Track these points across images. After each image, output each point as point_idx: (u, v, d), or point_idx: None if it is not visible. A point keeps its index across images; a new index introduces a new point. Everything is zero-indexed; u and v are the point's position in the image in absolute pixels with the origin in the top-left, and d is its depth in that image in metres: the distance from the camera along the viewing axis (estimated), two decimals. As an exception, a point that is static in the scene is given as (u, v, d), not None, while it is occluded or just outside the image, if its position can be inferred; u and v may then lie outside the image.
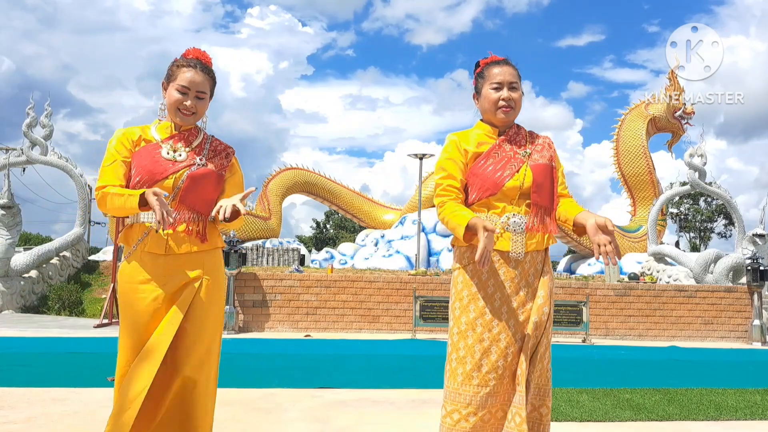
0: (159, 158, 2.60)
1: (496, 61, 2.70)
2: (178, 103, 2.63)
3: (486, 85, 2.66)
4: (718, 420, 4.49)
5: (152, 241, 2.55)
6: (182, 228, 2.57)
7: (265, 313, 11.74)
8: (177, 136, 2.68)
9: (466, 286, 2.58)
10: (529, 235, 2.57)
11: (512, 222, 2.55)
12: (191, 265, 2.58)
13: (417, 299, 11.21)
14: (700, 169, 16.92)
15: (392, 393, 5.29)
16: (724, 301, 12.50)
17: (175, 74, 2.66)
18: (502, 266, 2.55)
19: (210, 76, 2.70)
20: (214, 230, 2.68)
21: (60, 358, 7.00)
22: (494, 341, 2.51)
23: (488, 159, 2.61)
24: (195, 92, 2.64)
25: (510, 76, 2.64)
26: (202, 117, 2.73)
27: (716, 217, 43.90)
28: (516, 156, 2.62)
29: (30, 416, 4.09)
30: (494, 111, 2.64)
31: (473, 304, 2.55)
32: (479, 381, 2.50)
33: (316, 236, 50.59)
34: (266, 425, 4.06)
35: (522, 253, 2.55)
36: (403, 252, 19.67)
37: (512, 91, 2.63)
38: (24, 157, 16.41)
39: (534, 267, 2.59)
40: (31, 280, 14.72)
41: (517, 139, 2.67)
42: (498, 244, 2.54)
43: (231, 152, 2.78)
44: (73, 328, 11.23)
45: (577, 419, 4.36)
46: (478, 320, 2.53)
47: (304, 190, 24.31)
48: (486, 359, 2.50)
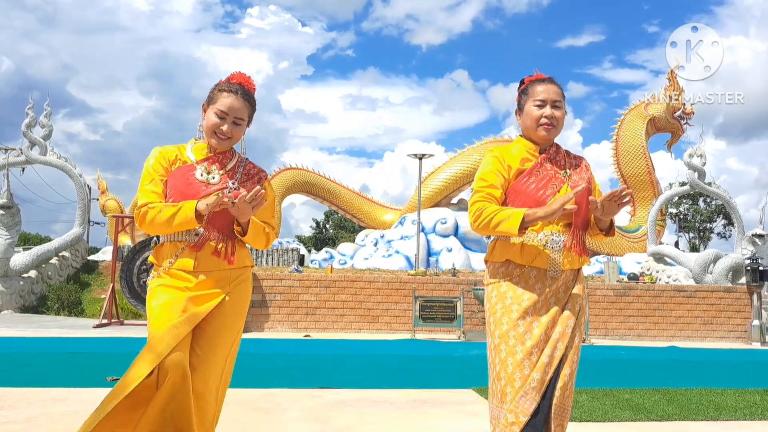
0: (192, 180, 2.62)
1: (540, 79, 2.71)
2: (215, 127, 2.64)
3: (529, 101, 2.67)
4: (718, 420, 4.50)
5: (182, 262, 2.58)
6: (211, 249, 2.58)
7: (265, 313, 11.74)
8: (212, 158, 2.69)
9: (500, 299, 2.58)
10: (566, 254, 2.57)
11: (551, 240, 2.56)
12: (219, 282, 2.60)
13: (416, 299, 11.21)
14: (700, 170, 16.93)
15: (392, 393, 5.29)
16: (723, 301, 12.51)
17: (215, 98, 2.66)
18: (537, 282, 2.55)
19: (250, 103, 2.70)
20: (243, 250, 2.70)
21: (59, 358, 7.00)
22: (528, 355, 2.47)
23: (531, 177, 2.61)
24: (233, 118, 2.64)
25: (554, 94, 2.64)
26: (237, 141, 2.74)
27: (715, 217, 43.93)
28: (557, 176, 2.63)
29: (30, 416, 4.09)
30: (536, 128, 2.64)
31: (506, 316, 2.54)
32: (512, 397, 2.46)
33: (315, 236, 50.59)
34: (266, 425, 4.06)
35: (559, 271, 2.55)
36: (402, 252, 19.67)
37: (555, 110, 2.63)
38: (23, 157, 16.40)
39: (566, 285, 2.60)
40: (31, 280, 14.72)
41: (557, 159, 2.68)
42: (535, 261, 2.55)
43: (264, 176, 2.78)
44: (72, 328, 11.23)
45: (577, 419, 4.36)
46: (510, 332, 2.51)
47: (303, 190, 24.31)
48: (519, 373, 2.47)
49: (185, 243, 2.59)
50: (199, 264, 2.57)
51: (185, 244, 2.59)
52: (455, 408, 4.69)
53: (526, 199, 2.57)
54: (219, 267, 2.60)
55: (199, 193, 2.58)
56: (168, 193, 2.62)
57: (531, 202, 2.56)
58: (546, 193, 2.57)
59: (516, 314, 2.52)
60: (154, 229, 2.56)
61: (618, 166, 22.05)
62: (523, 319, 2.51)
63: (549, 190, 2.58)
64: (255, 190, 2.49)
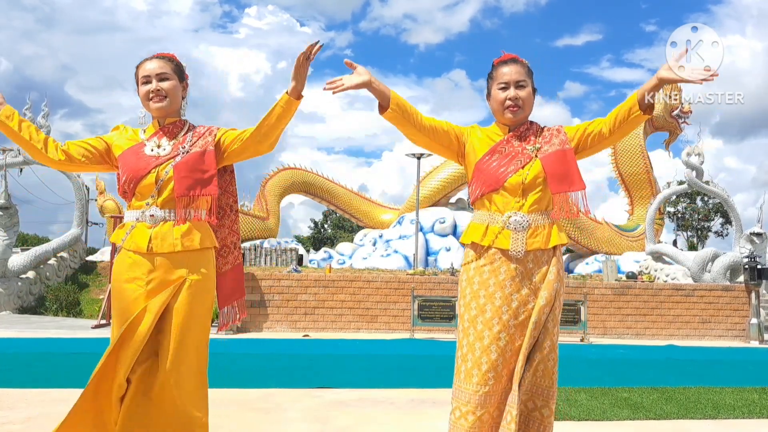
0: (142, 155, 2.64)
1: (504, 60, 2.67)
2: (146, 94, 2.67)
3: (494, 85, 2.65)
4: (716, 419, 4.50)
5: (136, 237, 2.57)
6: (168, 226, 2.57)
7: (264, 314, 11.74)
8: (160, 131, 2.71)
9: (469, 283, 2.59)
10: (532, 233, 2.54)
11: (513, 220, 2.53)
12: (174, 265, 2.56)
13: (415, 299, 11.21)
14: (698, 168, 16.93)
15: (391, 393, 5.29)
16: (721, 299, 12.53)
17: (137, 74, 2.72)
18: (503, 264, 2.53)
19: (168, 61, 2.72)
20: (205, 230, 2.66)
21: (58, 359, 6.99)
22: (494, 340, 2.50)
23: (493, 155, 2.60)
24: (156, 76, 2.67)
25: (517, 74, 2.60)
26: (177, 101, 2.73)
27: (713, 215, 43.95)
28: (524, 151, 2.59)
29: (29, 416, 4.09)
30: (502, 111, 2.62)
31: (475, 301, 2.55)
32: (478, 379, 2.49)
33: (314, 236, 50.54)
34: (265, 425, 4.06)
35: (522, 251, 2.52)
36: (401, 252, 19.66)
37: (519, 90, 2.59)
38: (21, 157, 16.37)
39: (537, 266, 2.55)
40: (29, 280, 14.70)
41: (527, 135, 2.65)
42: (497, 241, 2.53)
43: (214, 128, 2.77)
44: (71, 328, 11.22)
45: (575, 418, 4.36)
46: (479, 318, 2.53)
47: (302, 190, 24.28)
48: (486, 357, 2.49)
49: (141, 222, 2.58)
50: (153, 244, 2.55)
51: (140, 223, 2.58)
52: (454, 407, 4.69)
53: (488, 177, 2.58)
54: (173, 248, 2.55)
55: (149, 166, 2.60)
56: (120, 173, 2.65)
57: (491, 180, 2.57)
58: (508, 170, 2.56)
59: (483, 299, 2.53)
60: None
61: (616, 165, 22.06)
62: (491, 303, 2.52)
63: (511, 167, 2.56)
64: (315, 44, 2.50)
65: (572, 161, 2.59)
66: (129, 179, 2.60)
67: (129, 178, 2.60)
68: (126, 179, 2.61)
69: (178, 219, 2.57)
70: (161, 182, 2.58)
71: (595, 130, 2.60)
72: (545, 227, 2.56)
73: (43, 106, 16.69)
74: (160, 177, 2.58)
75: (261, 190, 23.18)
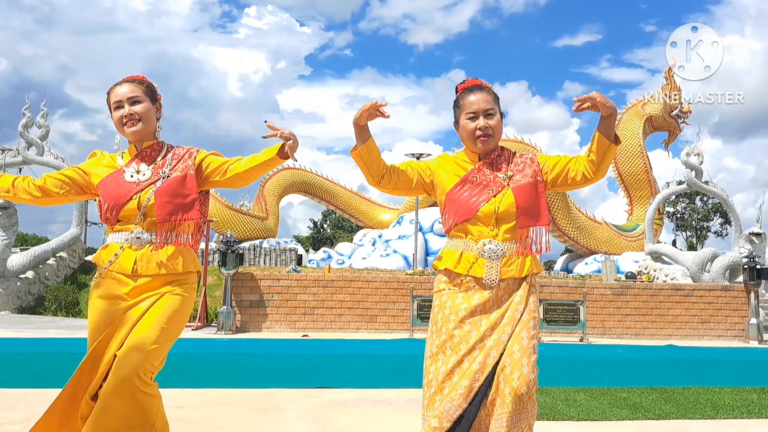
0: (122, 182, 2.62)
1: (470, 88, 2.64)
2: (120, 119, 2.65)
3: (462, 115, 2.62)
4: (715, 419, 4.50)
5: (121, 260, 2.55)
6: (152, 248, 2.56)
7: (263, 314, 11.74)
8: (138, 156, 2.69)
9: (440, 309, 2.57)
10: (506, 262, 2.52)
11: (487, 249, 2.51)
12: (157, 285, 2.56)
13: (414, 299, 11.22)
14: (697, 168, 16.94)
15: (391, 393, 5.29)
16: (720, 299, 12.53)
17: (108, 101, 2.71)
18: (477, 292, 2.52)
19: (138, 84, 2.70)
20: (189, 254, 2.65)
21: (57, 359, 6.99)
22: (457, 363, 2.47)
23: (465, 184, 2.58)
24: (127, 100, 2.64)
25: (484, 103, 2.57)
26: (152, 124, 2.71)
27: (713, 215, 43.98)
28: (496, 180, 2.57)
29: (28, 416, 4.09)
30: (473, 140, 2.60)
31: (445, 326, 2.53)
32: (439, 404, 2.48)
33: (313, 236, 50.54)
34: (265, 425, 4.06)
35: (496, 280, 2.50)
36: (400, 252, 19.67)
37: (488, 119, 2.57)
38: (20, 157, 16.37)
39: (508, 294, 2.53)
40: (28, 280, 14.69)
41: (498, 163, 2.62)
42: (472, 270, 2.51)
43: (194, 150, 2.75)
44: (70, 328, 11.21)
45: (575, 418, 4.37)
46: (447, 343, 2.51)
47: (301, 189, 24.30)
48: (448, 382, 2.47)
49: (127, 244, 2.57)
50: (138, 266, 2.54)
51: (127, 245, 2.56)
52: (453, 407, 4.69)
53: (459, 207, 2.55)
54: (159, 271, 2.55)
55: (130, 192, 2.58)
56: (102, 200, 2.63)
57: (464, 210, 2.54)
58: (480, 200, 2.54)
59: (453, 324, 2.51)
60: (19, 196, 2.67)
61: (615, 165, 22.07)
62: (459, 329, 2.50)
63: (483, 196, 2.54)
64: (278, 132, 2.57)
65: (542, 194, 2.58)
66: (111, 207, 2.59)
67: (111, 205, 2.58)
68: (108, 207, 2.59)
69: (158, 243, 2.56)
70: (144, 208, 2.57)
71: (579, 171, 2.57)
72: (519, 256, 2.54)
73: (42, 106, 16.69)
74: (142, 203, 2.57)
75: (260, 190, 23.19)
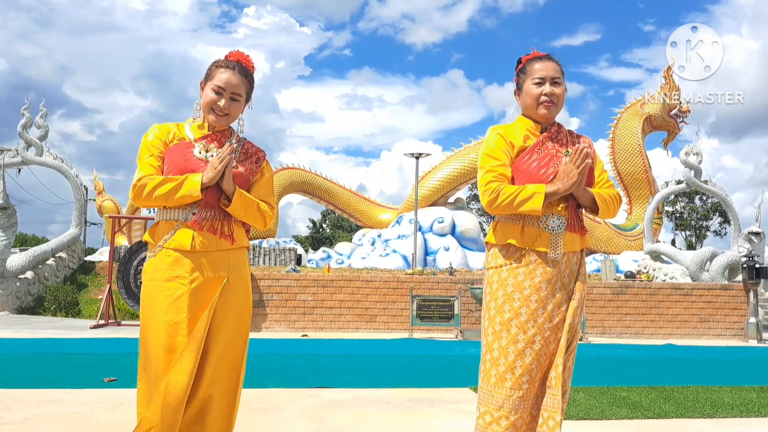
0: (191, 156, 2.59)
1: (538, 56, 2.66)
2: (212, 103, 2.62)
3: (528, 80, 2.62)
4: (714, 417, 4.50)
5: (179, 238, 2.53)
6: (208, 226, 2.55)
7: (262, 313, 11.73)
8: (210, 136, 2.67)
9: (501, 286, 2.54)
10: (567, 236, 2.53)
11: (551, 223, 2.52)
12: (217, 263, 2.55)
13: (414, 298, 11.22)
14: (696, 167, 16.95)
15: (390, 392, 5.29)
16: (720, 298, 12.54)
17: (212, 74, 2.65)
18: (539, 267, 2.51)
19: (248, 80, 2.68)
20: (240, 229, 2.67)
21: (56, 359, 6.99)
22: (529, 343, 2.46)
23: (533, 154, 2.57)
24: (230, 93, 2.62)
25: (553, 71, 2.60)
26: (236, 119, 2.71)
27: (712, 215, 44.03)
28: (558, 154, 2.58)
29: (26, 417, 4.09)
30: (536, 106, 2.60)
31: (508, 304, 2.50)
32: (512, 384, 2.45)
33: (312, 236, 50.54)
34: (264, 425, 4.06)
35: (560, 254, 2.51)
36: (399, 251, 19.67)
37: (555, 87, 2.59)
38: (19, 157, 16.37)
39: (569, 268, 2.55)
40: (27, 281, 14.69)
41: (558, 138, 2.63)
42: (536, 244, 2.51)
43: (262, 156, 2.76)
44: (69, 329, 11.20)
45: (574, 417, 4.36)
46: (513, 321, 2.49)
47: (300, 189, 24.28)
48: (520, 361, 2.46)
49: (182, 222, 2.55)
50: (196, 242, 2.52)
51: (181, 223, 2.55)
52: (452, 407, 4.69)
53: (528, 178, 2.54)
54: (217, 247, 2.55)
55: (197, 170, 2.56)
56: (166, 169, 2.59)
57: (533, 181, 2.52)
58: (548, 172, 2.53)
59: (518, 302, 2.49)
60: (152, 201, 2.53)
61: (614, 165, 22.09)
62: (526, 306, 2.48)
63: (551, 169, 2.54)
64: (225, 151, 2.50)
65: (591, 181, 2.61)
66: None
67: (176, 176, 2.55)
68: (172, 176, 2.56)
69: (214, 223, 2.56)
70: (205, 188, 2.54)
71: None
72: (575, 232, 2.57)
73: (41, 106, 16.69)
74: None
75: (259, 190, 23.13)
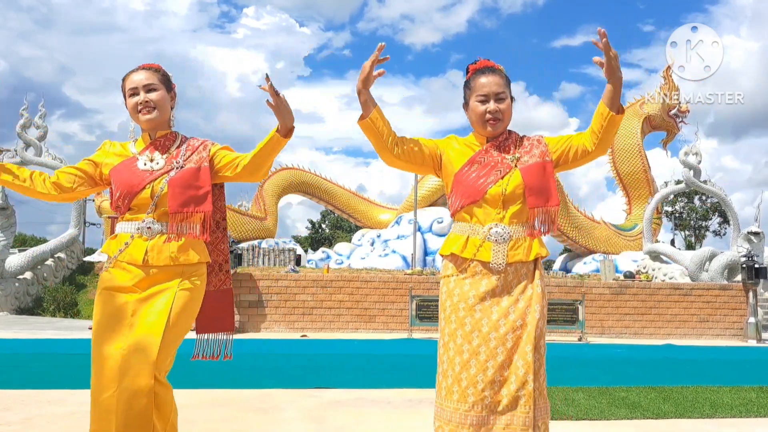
0: (136, 170, 2.59)
1: (482, 69, 2.62)
2: (135, 105, 2.63)
3: (473, 97, 2.59)
4: (714, 417, 4.50)
5: (132, 250, 2.53)
6: (163, 239, 2.54)
7: (261, 314, 11.73)
8: (152, 145, 2.67)
9: (449, 296, 2.53)
10: (513, 245, 2.49)
11: (494, 232, 2.49)
12: (168, 277, 2.54)
13: (413, 299, 11.21)
14: (695, 168, 16.95)
15: (389, 392, 5.29)
16: (719, 298, 12.54)
17: (124, 86, 2.68)
18: (483, 277, 2.49)
19: (153, 71, 2.68)
20: (200, 246, 2.63)
21: (56, 360, 6.98)
22: (474, 354, 2.42)
23: (472, 165, 2.55)
24: (143, 87, 2.62)
25: (496, 86, 2.55)
26: (167, 112, 2.69)
27: (711, 215, 44.03)
28: (503, 161, 2.55)
29: (26, 417, 4.08)
30: (482, 123, 2.58)
31: (454, 314, 2.49)
32: (459, 396, 2.42)
33: (312, 236, 50.51)
34: (263, 425, 4.05)
35: (503, 264, 2.47)
36: (399, 251, 19.67)
37: (499, 102, 2.55)
38: (18, 158, 16.36)
39: (517, 278, 2.50)
40: (26, 281, 14.67)
41: (506, 145, 2.60)
42: (479, 254, 2.48)
43: (208, 143, 2.73)
44: (68, 329, 11.20)
45: (573, 418, 4.36)
46: (458, 331, 2.47)
47: (300, 190, 24.28)
48: (465, 373, 2.42)
49: (138, 233, 2.54)
50: (149, 257, 2.51)
51: (137, 235, 2.54)
52: (452, 407, 4.69)
53: (467, 188, 2.53)
54: (171, 262, 2.53)
55: (143, 181, 2.56)
56: (114, 188, 2.61)
57: (471, 191, 2.51)
58: (488, 181, 2.51)
59: (463, 312, 2.47)
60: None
61: (614, 165, 22.10)
62: (470, 316, 2.46)
63: (491, 177, 2.51)
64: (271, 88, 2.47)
65: (550, 175, 2.56)
66: (123, 195, 2.56)
67: (123, 193, 2.56)
68: (120, 195, 2.57)
69: (169, 235, 2.54)
70: (157, 197, 2.54)
71: (580, 145, 2.56)
72: (526, 239, 2.52)
73: (41, 106, 16.70)
74: (155, 192, 2.55)
75: (259, 191, 23.16)
